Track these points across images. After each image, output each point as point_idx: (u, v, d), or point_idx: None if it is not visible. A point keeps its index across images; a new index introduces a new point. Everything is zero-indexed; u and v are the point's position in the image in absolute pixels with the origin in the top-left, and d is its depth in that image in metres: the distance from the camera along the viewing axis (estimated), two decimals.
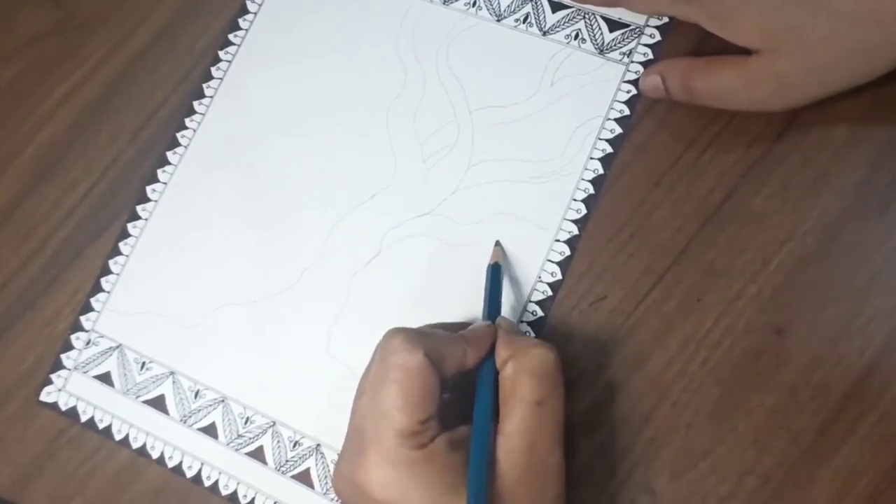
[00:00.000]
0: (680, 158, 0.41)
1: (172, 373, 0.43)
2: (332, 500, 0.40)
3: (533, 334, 0.40)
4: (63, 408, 0.43)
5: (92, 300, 0.45)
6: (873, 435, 0.37)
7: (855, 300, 0.38)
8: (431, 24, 0.45)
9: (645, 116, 0.42)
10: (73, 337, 0.44)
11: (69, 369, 0.44)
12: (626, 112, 0.42)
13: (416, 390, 0.32)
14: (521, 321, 0.40)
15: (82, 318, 0.44)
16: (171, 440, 0.42)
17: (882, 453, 0.36)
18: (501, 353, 0.35)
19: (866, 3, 0.35)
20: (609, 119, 0.42)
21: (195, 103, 0.47)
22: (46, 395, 0.44)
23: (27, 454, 0.43)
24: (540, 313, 0.40)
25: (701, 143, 0.41)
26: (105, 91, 0.48)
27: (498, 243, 0.41)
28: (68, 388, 0.44)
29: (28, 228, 0.46)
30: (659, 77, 0.40)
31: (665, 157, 0.41)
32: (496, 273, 0.40)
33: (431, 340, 0.33)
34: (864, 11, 0.35)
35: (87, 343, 0.44)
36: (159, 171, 0.46)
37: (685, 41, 0.42)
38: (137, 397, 0.43)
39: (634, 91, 0.42)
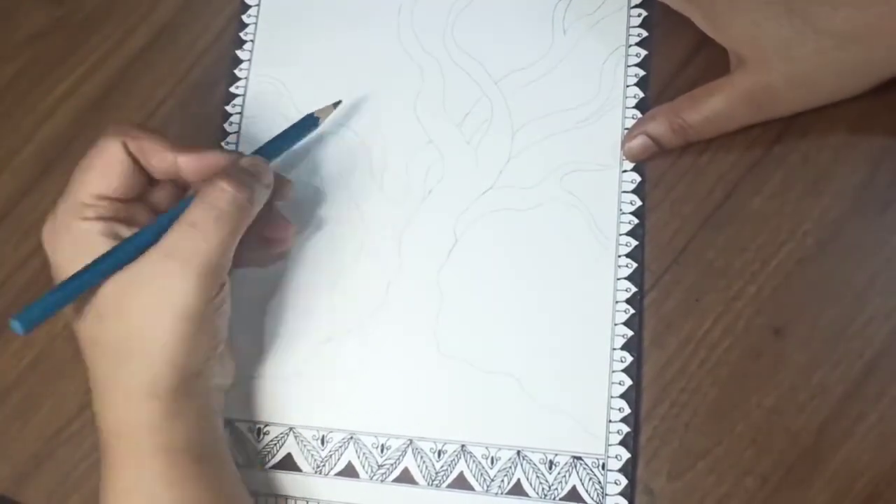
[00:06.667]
0: (680, 158, 0.41)
1: (292, 428, 0.41)
2: (495, 494, 0.39)
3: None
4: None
5: None
6: (872, 436, 0.37)
7: (854, 301, 0.38)
8: (427, 13, 0.45)
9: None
10: None
11: None
12: (645, 34, 0.43)
13: (98, 168, 0.35)
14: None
15: None
16: (310, 495, 0.40)
17: (881, 454, 0.36)
18: (203, 182, 0.35)
19: (853, 22, 0.35)
20: (631, 45, 0.43)
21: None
22: None
23: (26, 452, 0.43)
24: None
25: (701, 144, 0.41)
26: (105, 89, 0.48)
27: (338, 102, 0.43)
28: None
29: (28, 226, 0.46)
30: (643, 136, 0.40)
31: (665, 158, 0.41)
32: (308, 123, 0.42)
33: (142, 136, 0.36)
34: (851, 31, 0.36)
35: None
36: None
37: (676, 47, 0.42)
38: None
39: (646, 13, 0.43)
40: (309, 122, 0.42)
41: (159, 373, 0.34)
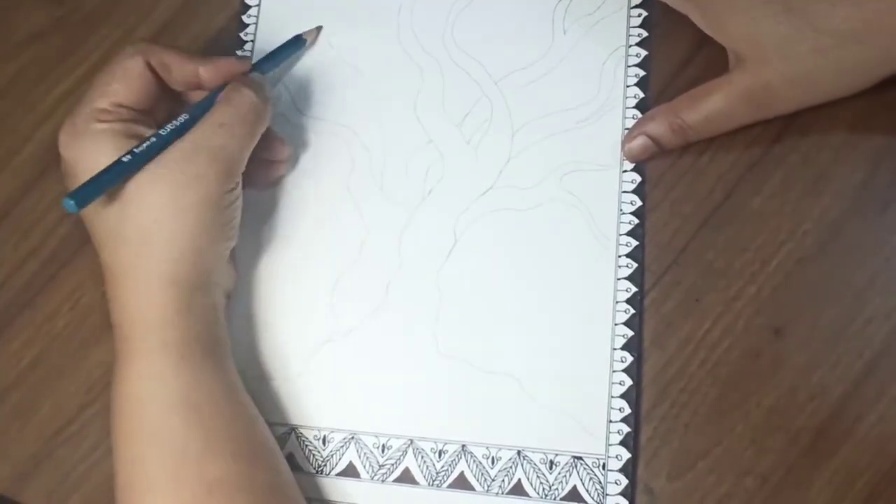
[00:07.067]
0: (680, 158, 0.41)
1: (293, 429, 0.41)
2: (495, 494, 0.39)
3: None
4: None
5: None
6: (871, 436, 0.37)
7: (854, 301, 0.38)
8: (427, 13, 0.45)
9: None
10: None
11: None
12: (645, 34, 0.43)
13: (119, 79, 0.38)
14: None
15: None
16: (311, 495, 0.40)
17: (880, 454, 0.36)
18: (227, 88, 0.39)
19: (852, 20, 0.36)
20: (631, 45, 0.43)
21: None
22: None
23: (26, 452, 0.43)
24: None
25: (701, 144, 0.41)
26: None
27: (319, 28, 0.46)
28: None
29: (27, 226, 0.46)
30: (643, 137, 0.40)
31: (665, 158, 0.41)
32: (296, 44, 0.45)
33: (161, 52, 0.39)
34: (850, 29, 0.36)
35: None
36: None
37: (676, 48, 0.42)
38: None
39: (646, 13, 0.43)
40: (296, 43, 0.45)
41: (181, 258, 0.36)
